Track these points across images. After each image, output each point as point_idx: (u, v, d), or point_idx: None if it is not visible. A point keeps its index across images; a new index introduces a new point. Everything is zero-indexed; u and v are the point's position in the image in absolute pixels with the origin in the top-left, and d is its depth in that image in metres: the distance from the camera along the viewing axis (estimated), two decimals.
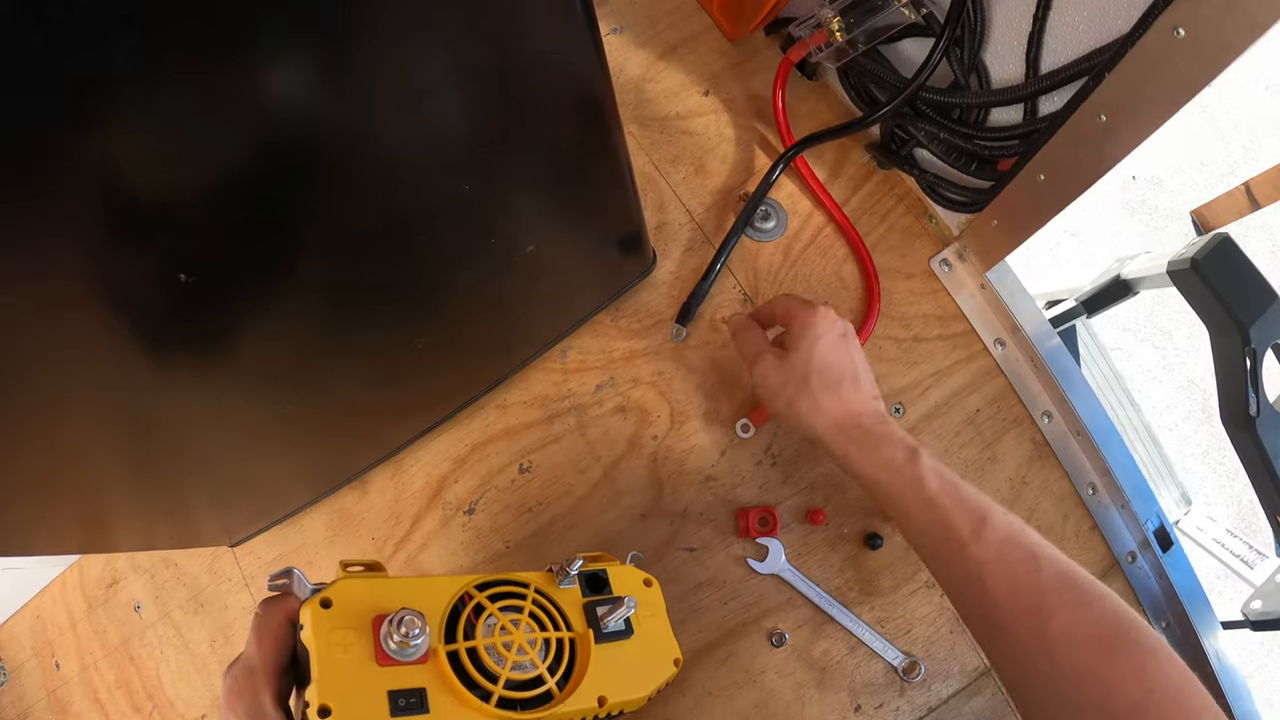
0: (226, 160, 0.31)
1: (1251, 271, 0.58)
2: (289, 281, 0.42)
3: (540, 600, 0.41)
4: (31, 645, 0.84)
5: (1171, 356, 1.34)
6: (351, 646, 0.33)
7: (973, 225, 0.65)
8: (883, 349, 0.66)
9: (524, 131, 0.42)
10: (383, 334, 0.51)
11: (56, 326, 0.35)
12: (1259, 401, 0.55)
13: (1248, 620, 0.74)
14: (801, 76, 0.72)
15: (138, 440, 0.51)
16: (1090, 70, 0.53)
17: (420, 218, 0.43)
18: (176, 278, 0.35)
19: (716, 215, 0.68)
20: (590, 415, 0.65)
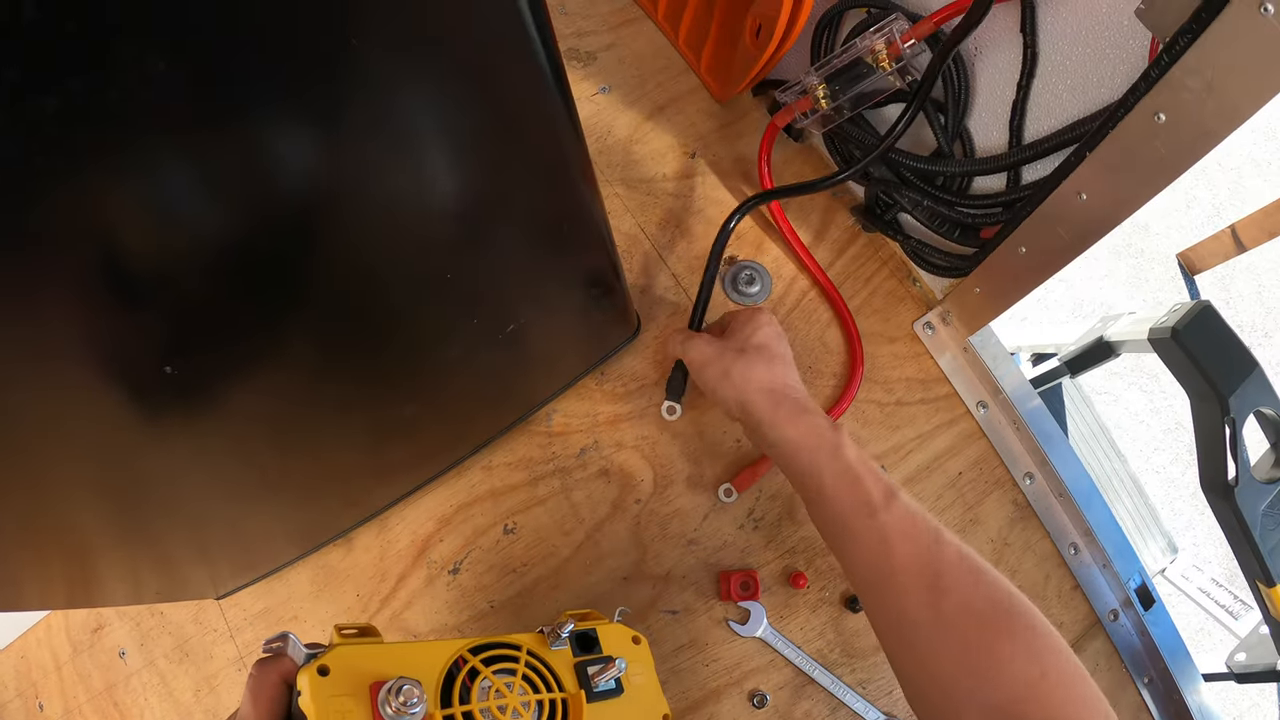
0: (208, 242, 0.32)
1: (1232, 340, 0.58)
2: (275, 357, 0.42)
3: (533, 662, 0.42)
4: (15, 686, 0.84)
5: (1159, 400, 1.35)
6: (350, 714, 0.34)
7: (956, 291, 0.65)
8: (866, 413, 0.66)
9: (501, 214, 0.42)
10: (370, 404, 0.52)
11: (39, 389, 0.35)
12: (1238, 469, 0.56)
13: (1231, 673, 0.74)
14: (787, 138, 0.72)
15: (124, 498, 0.52)
16: (1074, 140, 0.54)
17: (403, 303, 0.44)
18: (161, 367, 0.35)
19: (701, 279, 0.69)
20: (574, 478, 0.65)
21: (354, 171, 0.33)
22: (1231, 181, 1.56)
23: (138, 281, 0.32)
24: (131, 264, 0.31)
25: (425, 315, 0.46)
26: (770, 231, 0.69)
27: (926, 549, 0.43)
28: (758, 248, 0.69)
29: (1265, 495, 0.56)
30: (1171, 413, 1.35)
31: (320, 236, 0.35)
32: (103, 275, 0.30)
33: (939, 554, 0.42)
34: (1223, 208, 1.49)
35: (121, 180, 0.27)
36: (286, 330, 0.41)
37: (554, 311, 0.55)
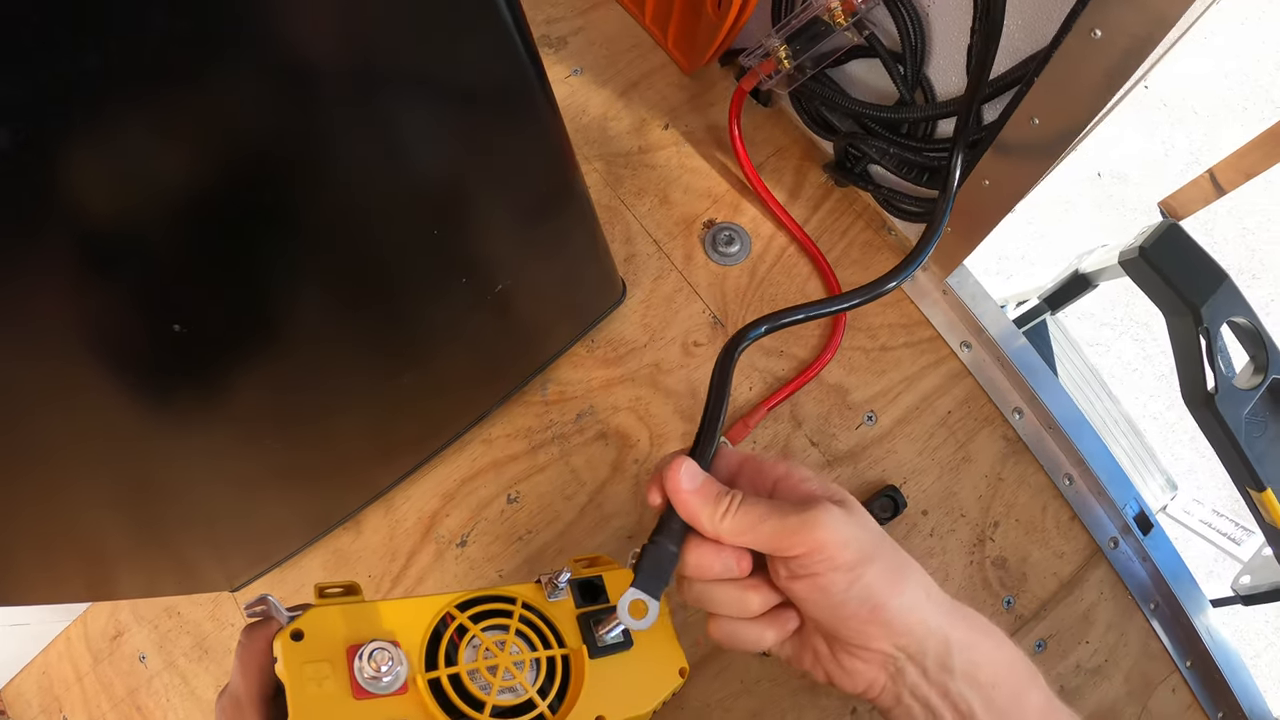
0: (207, 210, 0.33)
1: (1199, 254, 0.60)
2: (274, 328, 0.43)
3: (528, 616, 0.39)
4: (39, 701, 0.85)
5: (1151, 347, 1.36)
6: (326, 680, 0.32)
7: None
8: (852, 359, 0.68)
9: (484, 180, 0.45)
10: (369, 374, 0.54)
11: (51, 381, 0.37)
12: (1216, 378, 0.57)
13: (1238, 596, 0.75)
14: (757, 104, 0.74)
15: (136, 491, 0.53)
16: (1026, 75, 0.56)
17: (395, 261, 0.45)
18: (170, 328, 0.37)
19: (682, 243, 0.71)
20: (573, 444, 0.67)
21: (348, 136, 0.35)
22: (1207, 128, 1.58)
23: (134, 246, 0.33)
24: (126, 228, 0.32)
25: (419, 273, 0.47)
26: (746, 193, 0.72)
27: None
28: (735, 209, 0.71)
29: (1246, 401, 0.57)
30: (1165, 359, 1.36)
31: (315, 193, 0.37)
32: (104, 240, 0.31)
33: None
34: (1200, 153, 1.52)
35: (117, 139, 0.28)
36: (287, 292, 0.42)
37: (541, 275, 0.57)
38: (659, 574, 0.37)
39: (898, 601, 0.33)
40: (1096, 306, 1.34)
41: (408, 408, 0.61)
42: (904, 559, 0.35)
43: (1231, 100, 1.62)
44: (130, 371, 0.40)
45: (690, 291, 0.69)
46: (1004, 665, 0.36)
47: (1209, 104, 1.60)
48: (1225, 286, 0.58)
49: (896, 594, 0.33)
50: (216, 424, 0.50)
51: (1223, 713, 0.69)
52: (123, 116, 0.27)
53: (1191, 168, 1.49)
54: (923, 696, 0.35)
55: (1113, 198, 1.44)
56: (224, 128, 0.31)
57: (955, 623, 0.35)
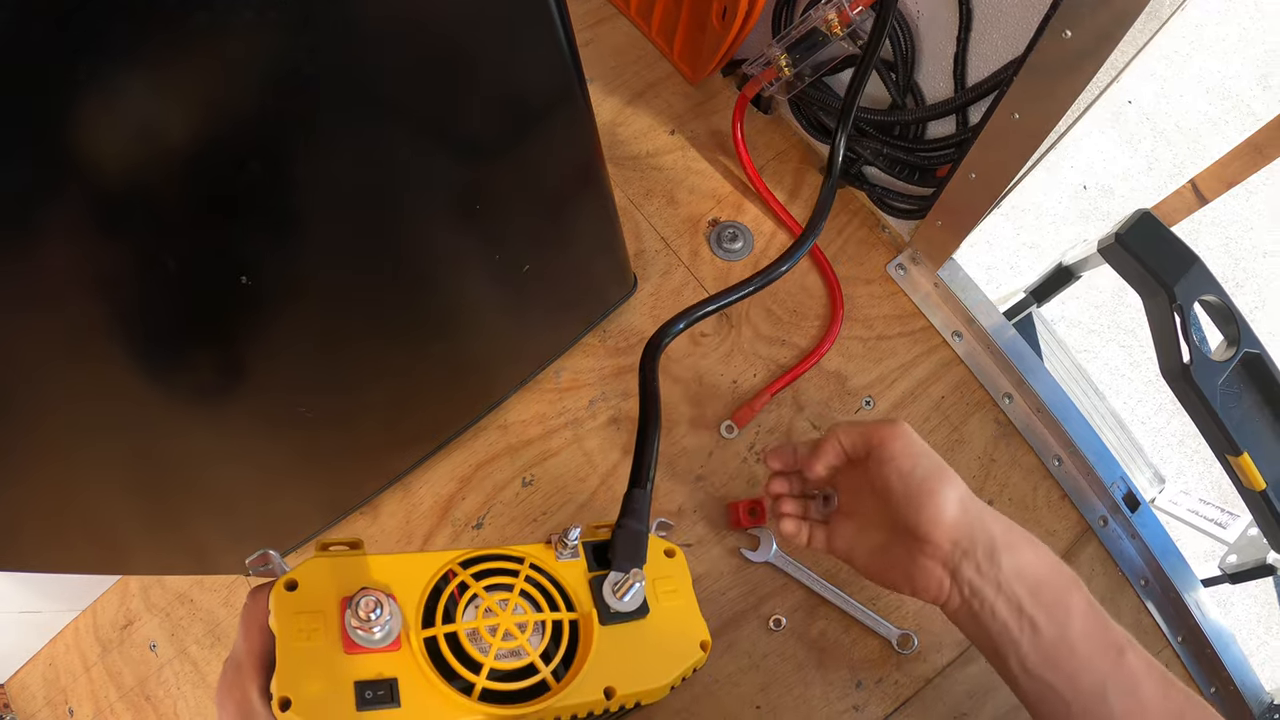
0: (264, 169, 0.34)
1: (1171, 238, 0.64)
2: (317, 289, 0.44)
3: (535, 577, 0.37)
4: (44, 694, 0.85)
5: (1138, 354, 1.41)
6: (315, 633, 0.30)
7: (921, 230, 0.71)
8: (850, 348, 0.72)
9: (527, 165, 0.48)
10: (402, 341, 0.55)
11: (71, 361, 0.38)
12: (1191, 350, 0.61)
13: (1226, 575, 0.78)
14: (758, 112, 0.79)
15: (155, 468, 0.53)
16: (1008, 78, 0.61)
17: (439, 229, 0.48)
18: (233, 280, 0.37)
19: (689, 240, 0.75)
20: (585, 428, 0.70)
21: (414, 116, 0.38)
22: (1190, 141, 1.66)
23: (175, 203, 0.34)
24: (164, 198, 0.33)
25: (457, 243, 0.50)
26: (748, 194, 0.76)
27: (1165, 694, 0.40)
28: (738, 208, 0.75)
29: (1220, 371, 0.61)
30: (1152, 365, 1.41)
31: (375, 158, 0.39)
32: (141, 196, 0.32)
33: (1177, 698, 0.40)
34: (1183, 166, 1.59)
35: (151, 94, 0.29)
36: (332, 263, 0.44)
37: (564, 259, 0.61)
38: (634, 553, 0.40)
39: (947, 490, 0.43)
40: (1084, 314, 1.40)
41: (431, 387, 0.63)
42: (948, 467, 0.44)
43: (1214, 114, 1.70)
44: (155, 346, 0.40)
45: (697, 285, 0.73)
46: (1046, 567, 0.42)
47: (1191, 119, 1.68)
48: (1197, 267, 0.63)
49: (947, 482, 0.43)
50: (239, 402, 0.51)
51: (1215, 687, 0.71)
52: (170, 60, 0.28)
53: (1175, 180, 1.56)
54: (978, 590, 0.42)
55: (1098, 209, 1.51)
56: (294, 89, 0.33)
57: (997, 520, 0.42)
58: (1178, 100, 1.69)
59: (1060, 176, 1.53)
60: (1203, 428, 0.61)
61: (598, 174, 0.55)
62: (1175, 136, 1.65)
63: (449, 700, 0.31)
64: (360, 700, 0.30)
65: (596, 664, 0.35)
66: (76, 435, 0.44)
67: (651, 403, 0.43)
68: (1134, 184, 1.58)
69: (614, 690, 0.35)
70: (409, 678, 0.31)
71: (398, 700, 0.30)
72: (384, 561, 0.34)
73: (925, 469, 0.44)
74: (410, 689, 0.31)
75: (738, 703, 0.65)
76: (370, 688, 0.30)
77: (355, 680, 0.30)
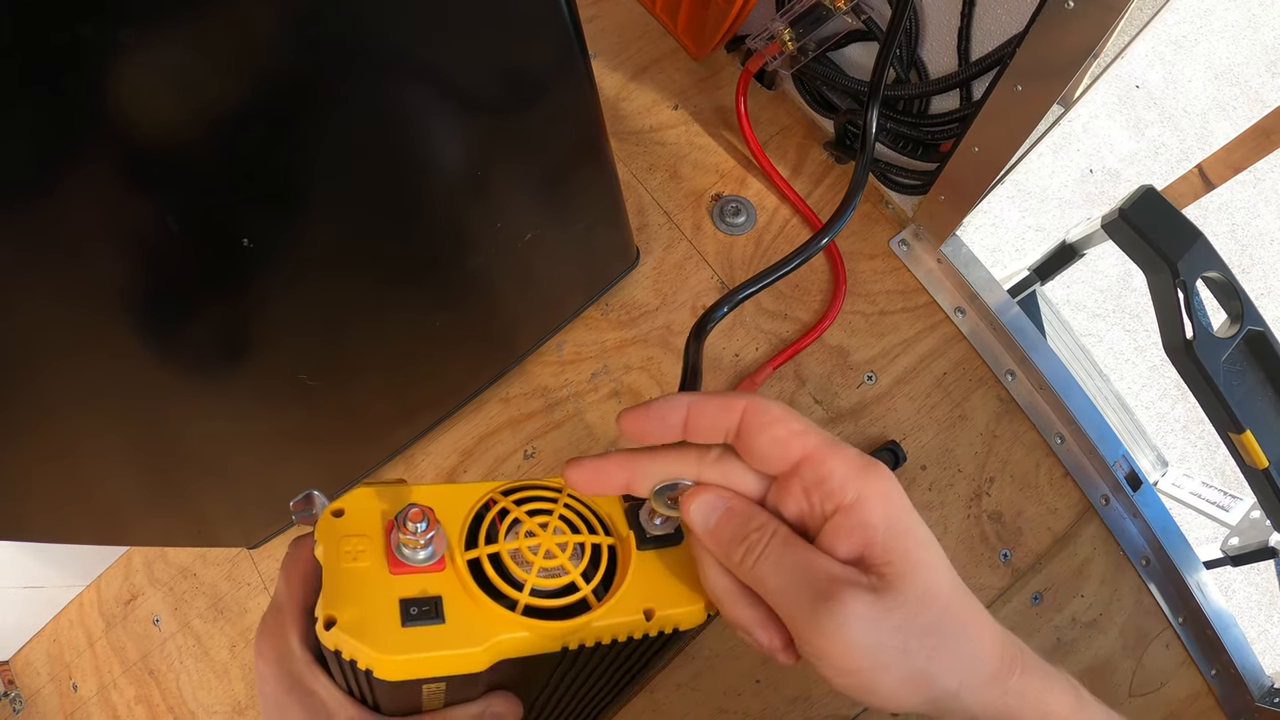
0: (266, 131, 0.35)
1: (1175, 214, 0.64)
2: (321, 254, 0.45)
3: (573, 504, 0.36)
4: (48, 670, 0.86)
5: (1142, 338, 1.40)
6: (362, 554, 0.30)
7: (924, 205, 0.71)
8: (853, 323, 0.71)
9: (530, 134, 0.48)
10: (406, 312, 0.55)
11: (72, 327, 0.38)
12: (1194, 327, 0.60)
13: (1228, 557, 0.78)
14: (761, 88, 0.79)
15: (159, 439, 0.54)
16: (1012, 52, 0.61)
17: (440, 197, 0.48)
18: (235, 243, 0.37)
19: (692, 215, 0.75)
20: (588, 401, 0.70)
21: (418, 82, 0.38)
22: (1198, 127, 1.65)
23: (184, 161, 0.34)
24: (179, 142, 0.33)
25: (458, 211, 0.50)
26: (752, 169, 0.76)
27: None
28: (741, 183, 0.75)
29: (1223, 348, 0.61)
30: (1156, 349, 1.41)
31: (373, 132, 0.39)
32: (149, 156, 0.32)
33: None
34: (1190, 152, 1.58)
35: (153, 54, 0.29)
36: (335, 225, 0.44)
37: (566, 229, 0.61)
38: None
39: (925, 690, 0.27)
40: (1088, 298, 1.40)
41: (434, 358, 0.63)
42: (945, 643, 0.27)
43: (1221, 100, 1.69)
44: (155, 308, 0.40)
45: (699, 259, 0.73)
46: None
47: (1199, 104, 1.67)
48: (1200, 243, 0.62)
49: (921, 683, 0.27)
50: (240, 369, 0.51)
51: (1215, 669, 0.71)
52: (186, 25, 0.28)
53: (1181, 165, 1.55)
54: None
55: (1104, 194, 1.50)
56: (294, 51, 0.33)
57: (994, 695, 0.28)
58: (1185, 85, 1.68)
59: (1066, 160, 1.53)
60: (1205, 405, 0.61)
61: (600, 146, 0.55)
62: (1183, 121, 1.64)
63: (493, 615, 0.31)
64: (405, 616, 0.30)
65: (635, 585, 0.35)
66: (76, 399, 0.44)
67: (694, 377, 0.44)
68: (1140, 168, 1.57)
69: (654, 611, 0.34)
70: (453, 595, 0.31)
71: (442, 616, 0.30)
72: (427, 491, 0.34)
73: (884, 692, 0.27)
74: (454, 606, 0.31)
75: (738, 676, 0.66)
76: (415, 604, 0.30)
77: (400, 598, 0.30)
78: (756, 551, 0.28)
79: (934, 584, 0.27)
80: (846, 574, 0.27)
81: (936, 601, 0.27)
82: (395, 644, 0.29)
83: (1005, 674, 0.28)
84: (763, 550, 0.28)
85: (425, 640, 0.30)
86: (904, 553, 0.27)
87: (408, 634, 0.30)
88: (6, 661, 0.90)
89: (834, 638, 0.26)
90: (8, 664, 0.90)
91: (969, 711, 0.28)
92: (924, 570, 0.27)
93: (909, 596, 0.27)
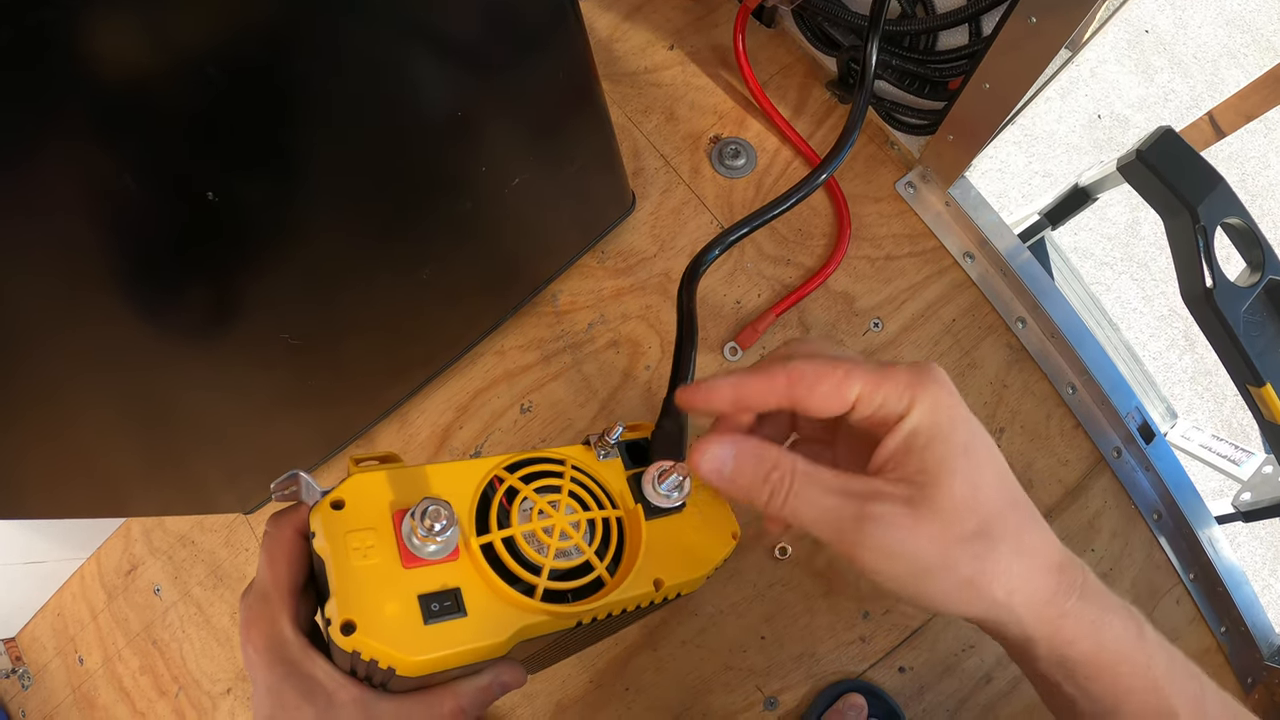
0: (242, 79, 0.33)
1: (1195, 157, 0.61)
2: (301, 210, 0.43)
3: (579, 477, 0.36)
4: (54, 645, 0.86)
5: (1150, 288, 1.38)
6: (372, 550, 0.29)
7: (931, 146, 0.68)
8: (858, 268, 0.69)
9: (514, 75, 0.45)
10: (391, 266, 0.53)
11: (54, 300, 0.36)
12: (1214, 275, 0.58)
13: (1239, 513, 0.76)
14: (760, 26, 0.76)
15: (149, 406, 0.53)
16: None
17: (420, 141, 0.45)
18: (204, 196, 0.36)
19: (689, 158, 0.72)
20: (585, 352, 0.68)
21: (395, 22, 0.36)
22: (1208, 74, 1.60)
23: (164, 110, 0.32)
24: (156, 91, 0.31)
25: (441, 156, 0.48)
26: (751, 109, 0.73)
27: None
28: (740, 124, 0.72)
29: (1244, 298, 0.58)
30: (1164, 299, 1.38)
31: (353, 66, 0.36)
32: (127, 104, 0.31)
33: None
34: (1200, 99, 1.54)
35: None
36: (311, 174, 0.41)
37: (556, 174, 0.58)
38: (676, 451, 0.38)
39: (974, 598, 0.27)
40: (1096, 246, 1.37)
41: (424, 313, 0.61)
42: (993, 550, 0.26)
43: (1233, 47, 1.64)
44: (128, 268, 0.38)
45: (698, 203, 0.70)
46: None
47: (1210, 51, 1.62)
48: (1221, 188, 0.60)
49: (968, 591, 0.27)
50: (229, 337, 0.49)
51: (1225, 626, 0.70)
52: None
53: (1191, 111, 1.50)
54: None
55: (1113, 140, 1.46)
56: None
57: (1042, 610, 0.27)
58: (1196, 31, 1.63)
59: (1074, 104, 1.48)
60: (1224, 356, 0.59)
61: (590, 87, 0.52)
62: (1193, 68, 1.59)
63: (514, 603, 0.31)
64: (427, 613, 0.29)
65: (646, 558, 0.35)
66: (65, 374, 0.43)
67: (689, 323, 0.42)
68: (1149, 114, 1.53)
69: (662, 582, 0.35)
70: (471, 586, 0.31)
71: (464, 609, 0.30)
72: (428, 472, 0.33)
73: (931, 594, 0.27)
74: (473, 596, 0.31)
75: (743, 632, 0.64)
76: (435, 600, 0.30)
77: (419, 594, 0.29)
78: (783, 493, 0.28)
79: (975, 492, 0.26)
80: (875, 488, 0.27)
81: (978, 510, 0.26)
82: (420, 644, 0.29)
83: (1063, 595, 0.27)
84: (788, 490, 0.28)
85: (449, 636, 0.29)
86: (940, 460, 0.26)
87: (431, 631, 0.29)
88: (13, 638, 0.89)
89: (873, 553, 0.26)
90: (14, 640, 0.89)
91: (1023, 628, 0.27)
92: (961, 477, 0.26)
93: (944, 506, 0.26)
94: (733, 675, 0.64)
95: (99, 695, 0.82)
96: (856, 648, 0.64)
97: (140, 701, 0.79)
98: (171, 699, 0.78)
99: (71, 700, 0.84)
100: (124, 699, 0.80)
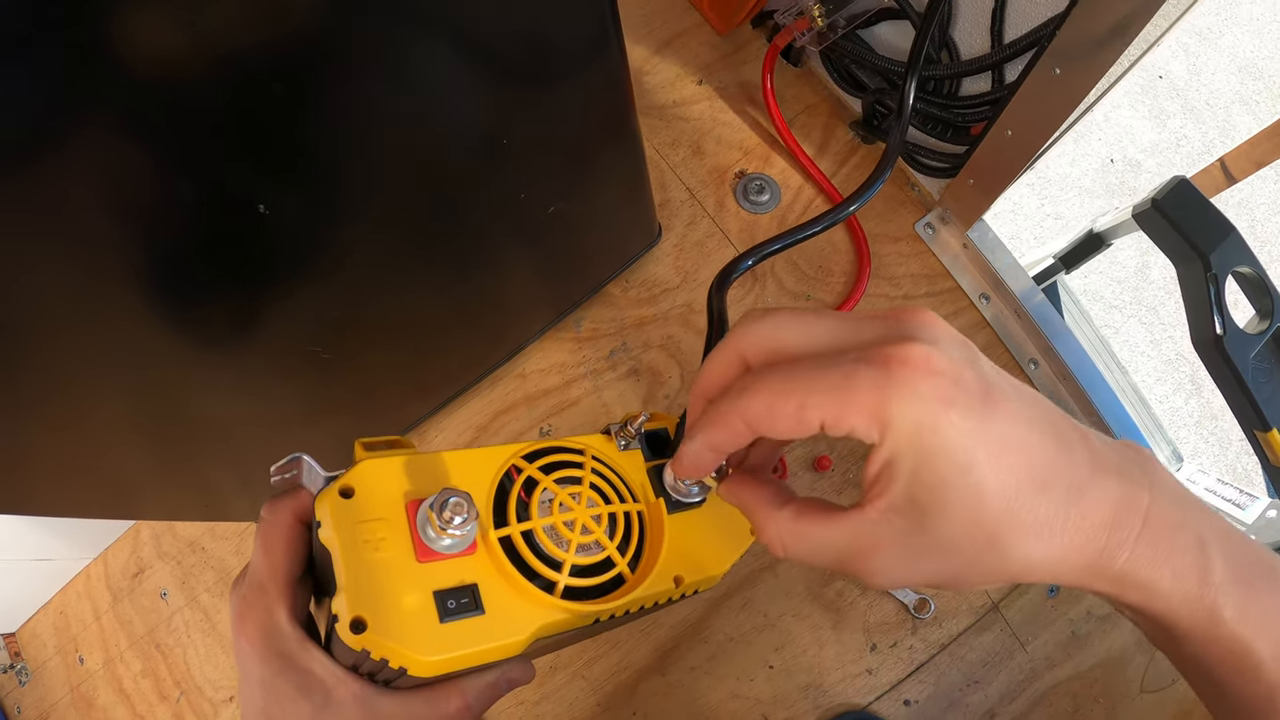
0: (291, 93, 0.33)
1: (1208, 206, 0.63)
2: (344, 223, 0.43)
3: (599, 469, 0.34)
4: (54, 643, 0.85)
5: (1158, 331, 1.39)
6: (384, 542, 0.28)
7: (951, 188, 0.70)
8: (876, 306, 0.70)
9: (557, 105, 0.47)
10: (427, 278, 0.54)
11: (80, 295, 0.36)
12: (1224, 322, 0.59)
13: None
14: (787, 65, 0.77)
15: (169, 412, 0.53)
16: (1048, 36, 0.59)
17: (465, 166, 0.46)
18: (251, 209, 0.36)
19: (714, 192, 0.73)
20: (605, 379, 0.69)
21: (449, 48, 0.37)
22: (1220, 120, 1.63)
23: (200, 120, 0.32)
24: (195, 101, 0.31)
25: (482, 180, 0.49)
26: (776, 146, 0.74)
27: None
28: (765, 161, 0.74)
29: (1253, 345, 0.60)
30: (1172, 343, 1.39)
31: (402, 100, 0.38)
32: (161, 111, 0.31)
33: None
34: (1212, 145, 1.56)
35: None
36: (358, 194, 0.42)
37: (589, 202, 0.59)
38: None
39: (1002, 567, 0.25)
40: (1106, 289, 1.38)
41: (450, 332, 0.62)
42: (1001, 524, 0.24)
43: (1245, 94, 1.67)
44: (167, 273, 0.39)
45: (722, 237, 0.71)
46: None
47: (1222, 97, 1.64)
48: (1233, 237, 0.61)
49: (999, 583, 0.26)
50: (255, 344, 0.49)
51: None
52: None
53: (1203, 157, 1.52)
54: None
55: (1125, 184, 1.48)
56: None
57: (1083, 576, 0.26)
58: (1210, 77, 1.65)
59: (1088, 148, 1.51)
60: (1232, 401, 0.60)
61: (628, 118, 0.54)
62: (1205, 114, 1.62)
63: (534, 601, 0.30)
64: (443, 611, 0.28)
65: (667, 553, 0.34)
66: (84, 369, 0.43)
67: (720, 326, 0.42)
68: (1162, 159, 1.55)
69: (682, 579, 0.34)
70: (489, 582, 0.29)
71: (481, 607, 0.28)
72: (443, 459, 0.31)
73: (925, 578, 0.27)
74: (491, 592, 0.29)
75: (751, 661, 0.65)
76: (452, 596, 0.28)
77: (434, 590, 0.28)
78: (780, 550, 0.28)
79: (978, 507, 0.24)
80: (866, 532, 0.25)
81: (984, 525, 0.24)
82: (435, 644, 0.27)
83: (1106, 562, 0.25)
84: (784, 549, 0.28)
85: (466, 635, 0.28)
86: (930, 488, 0.24)
87: (447, 630, 0.27)
88: (13, 633, 0.89)
89: (880, 581, 0.26)
90: (14, 636, 0.89)
91: (1083, 586, 0.26)
92: (957, 498, 0.24)
93: (943, 535, 0.24)
94: (740, 703, 0.64)
95: (98, 696, 0.82)
96: (863, 680, 0.65)
97: (140, 704, 0.79)
98: (172, 703, 0.78)
99: (69, 699, 0.83)
100: (123, 700, 0.80)
